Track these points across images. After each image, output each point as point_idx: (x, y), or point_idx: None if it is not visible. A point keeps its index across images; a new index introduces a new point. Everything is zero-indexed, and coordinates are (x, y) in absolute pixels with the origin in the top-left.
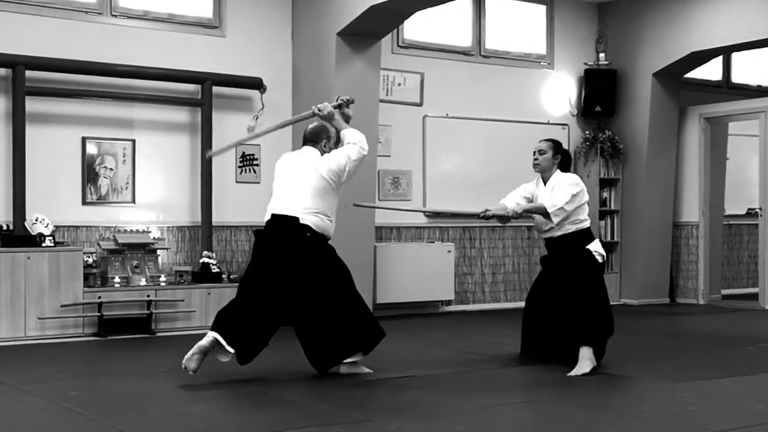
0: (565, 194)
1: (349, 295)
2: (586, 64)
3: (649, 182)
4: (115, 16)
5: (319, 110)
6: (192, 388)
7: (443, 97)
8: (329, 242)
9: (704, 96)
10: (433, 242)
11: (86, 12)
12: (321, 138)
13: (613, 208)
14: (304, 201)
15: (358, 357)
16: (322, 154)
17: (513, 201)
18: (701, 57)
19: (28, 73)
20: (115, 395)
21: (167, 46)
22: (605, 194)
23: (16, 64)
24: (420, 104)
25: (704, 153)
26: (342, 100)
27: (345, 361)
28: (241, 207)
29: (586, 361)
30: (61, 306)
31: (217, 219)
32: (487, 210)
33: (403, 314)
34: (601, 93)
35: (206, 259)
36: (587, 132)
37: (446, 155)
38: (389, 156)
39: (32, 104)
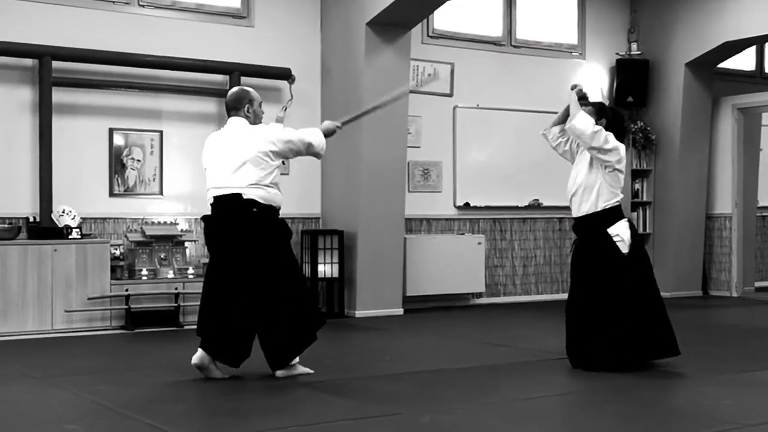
0: (603, 133)
1: (301, 280)
2: (618, 54)
3: (682, 173)
4: (143, 6)
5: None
6: (219, 381)
7: (474, 88)
8: (278, 214)
9: (737, 86)
10: (463, 234)
11: (113, 2)
12: (243, 103)
13: (645, 199)
14: (244, 174)
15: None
16: (249, 122)
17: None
18: (735, 47)
19: (55, 64)
20: (144, 389)
21: (195, 36)
22: (637, 186)
23: (43, 54)
24: (450, 95)
25: (737, 144)
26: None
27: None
28: None
29: None
30: (88, 299)
31: None
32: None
33: (433, 307)
34: (633, 83)
35: None
36: None
37: (477, 146)
38: (419, 147)
39: (59, 95)
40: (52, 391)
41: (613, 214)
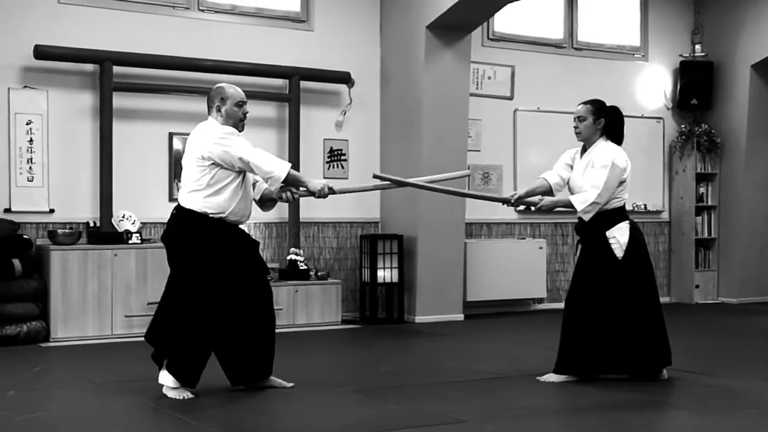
0: (596, 183)
1: (200, 296)
2: (681, 56)
3: (748, 177)
4: (203, 10)
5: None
6: (278, 388)
7: (534, 91)
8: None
9: None
10: (524, 238)
11: (173, 7)
12: (213, 103)
13: (710, 203)
14: (185, 180)
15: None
16: (220, 123)
17: (556, 174)
18: None
19: (116, 69)
20: (203, 395)
21: (254, 40)
22: (702, 189)
23: (104, 59)
24: (510, 98)
25: None
26: None
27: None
28: (329, 203)
29: None
30: (148, 304)
31: (304, 215)
32: (514, 195)
33: (494, 312)
34: (697, 85)
35: (293, 256)
36: (683, 125)
37: (537, 149)
38: (479, 151)
39: (119, 100)
40: (112, 397)
41: (613, 216)
